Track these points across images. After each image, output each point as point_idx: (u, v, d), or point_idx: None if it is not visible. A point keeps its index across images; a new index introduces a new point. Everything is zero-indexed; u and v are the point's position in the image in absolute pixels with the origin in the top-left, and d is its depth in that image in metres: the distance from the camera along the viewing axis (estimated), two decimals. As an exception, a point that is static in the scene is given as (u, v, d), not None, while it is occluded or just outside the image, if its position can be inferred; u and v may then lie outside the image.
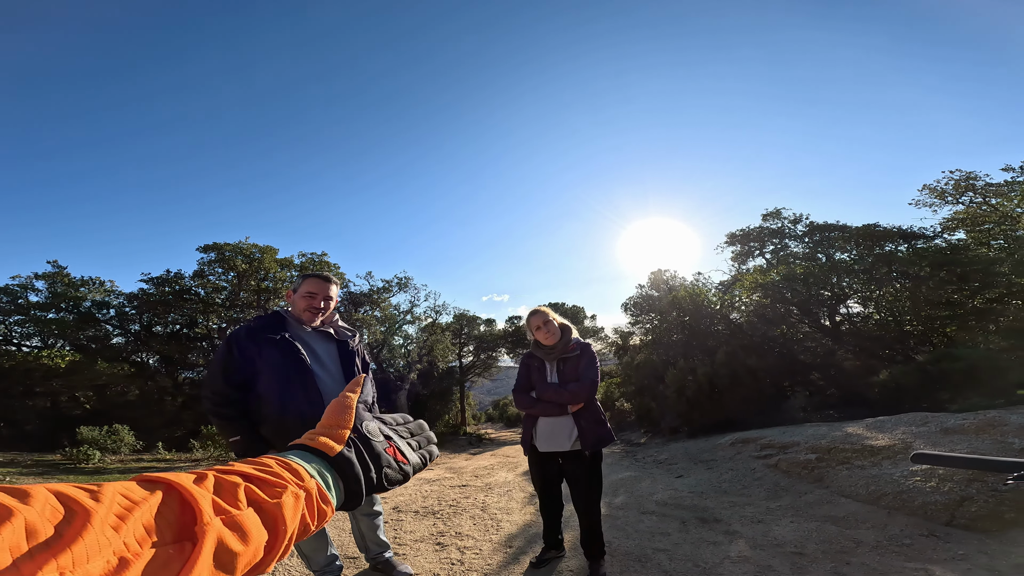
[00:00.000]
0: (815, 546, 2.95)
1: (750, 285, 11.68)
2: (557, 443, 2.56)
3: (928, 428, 4.63)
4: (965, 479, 3.29)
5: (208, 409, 2.07)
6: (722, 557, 2.87)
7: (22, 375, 13.48)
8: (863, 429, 5.07)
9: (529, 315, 2.71)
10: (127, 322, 17.62)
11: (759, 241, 16.67)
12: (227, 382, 2.06)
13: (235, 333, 2.15)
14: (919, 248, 11.58)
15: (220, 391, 2.05)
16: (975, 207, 12.41)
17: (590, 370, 2.58)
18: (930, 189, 13.09)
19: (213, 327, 17.37)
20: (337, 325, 2.39)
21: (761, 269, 14.47)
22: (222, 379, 2.06)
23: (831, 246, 14.53)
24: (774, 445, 5.42)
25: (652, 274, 16.69)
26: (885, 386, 7.93)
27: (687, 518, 3.72)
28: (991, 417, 4.54)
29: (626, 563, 2.83)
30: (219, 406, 2.05)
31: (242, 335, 2.11)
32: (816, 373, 10.58)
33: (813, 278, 11.04)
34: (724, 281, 16.11)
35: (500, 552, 3.10)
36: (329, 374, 2.21)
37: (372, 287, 19.51)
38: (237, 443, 2.05)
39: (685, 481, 5.16)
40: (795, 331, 11.90)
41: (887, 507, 3.44)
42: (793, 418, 8.06)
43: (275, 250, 17.76)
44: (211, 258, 17.01)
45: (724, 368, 8.84)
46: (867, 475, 3.94)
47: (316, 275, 2.32)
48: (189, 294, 16.98)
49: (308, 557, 2.33)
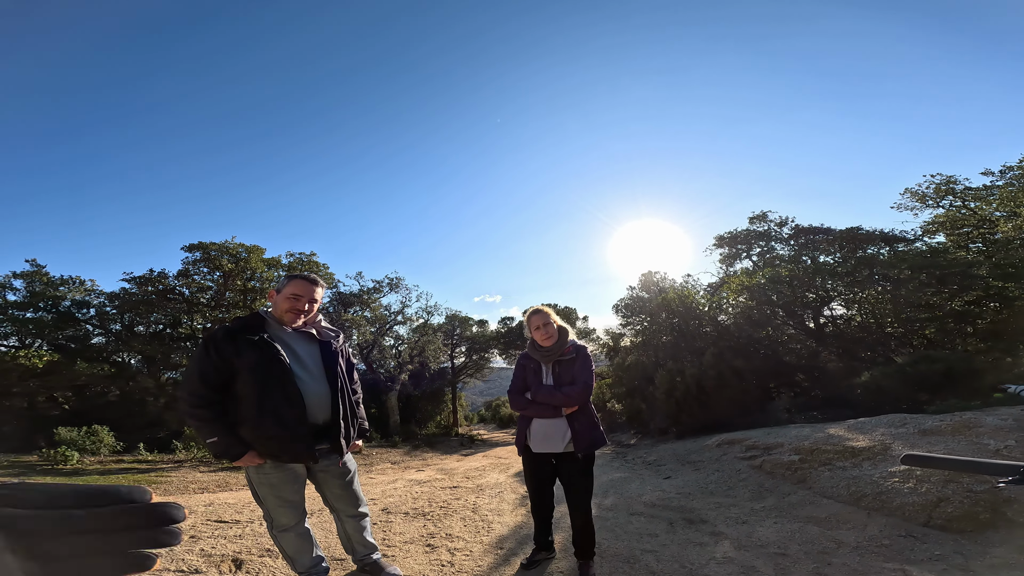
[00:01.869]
0: (798, 547, 3.01)
1: (737, 287, 11.83)
2: (551, 444, 2.58)
3: (906, 429, 4.74)
4: (941, 480, 3.39)
5: (184, 411, 2.05)
6: (708, 558, 2.92)
7: (-2, 375, 13.12)
8: (844, 430, 5.18)
9: (531, 314, 2.71)
10: (108, 322, 17.25)
11: (746, 243, 16.90)
12: (204, 383, 2.04)
13: (213, 334, 2.13)
14: (900, 251, 11.82)
15: (196, 392, 2.03)
16: (955, 211, 12.72)
17: (585, 373, 2.59)
18: (911, 193, 13.40)
19: (198, 327, 17.08)
20: (320, 326, 2.36)
21: (748, 271, 14.68)
22: (199, 380, 2.04)
23: (816, 249, 14.79)
24: (759, 446, 5.52)
25: (643, 276, 16.82)
26: (867, 387, 8.10)
27: (674, 519, 3.77)
28: (967, 418, 4.68)
29: (615, 564, 2.86)
30: (196, 407, 2.03)
31: (220, 336, 2.09)
32: (801, 374, 10.77)
33: (798, 280, 11.22)
34: (712, 283, 16.30)
35: (491, 553, 3.11)
36: (311, 375, 2.20)
37: (362, 287, 19.34)
38: (215, 444, 2.04)
39: (673, 482, 5.22)
40: (780, 333, 12.08)
41: (867, 508, 3.53)
42: (778, 419, 8.19)
43: (262, 250, 17.52)
44: (196, 257, 16.72)
45: (712, 369, 8.96)
46: (848, 476, 4.04)
47: (302, 276, 2.28)
48: (173, 294, 16.68)
49: (292, 559, 2.30)
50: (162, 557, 2.77)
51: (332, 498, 2.39)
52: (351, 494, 2.40)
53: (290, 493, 2.20)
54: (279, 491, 2.17)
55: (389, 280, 19.57)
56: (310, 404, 2.14)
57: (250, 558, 2.87)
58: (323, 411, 2.21)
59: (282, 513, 2.21)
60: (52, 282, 16.25)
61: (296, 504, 2.24)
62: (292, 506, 2.22)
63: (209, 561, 2.80)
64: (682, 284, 16.04)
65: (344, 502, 2.40)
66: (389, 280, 19.57)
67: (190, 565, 2.72)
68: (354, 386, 2.45)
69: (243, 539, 3.22)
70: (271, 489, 2.17)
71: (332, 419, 2.22)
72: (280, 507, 2.20)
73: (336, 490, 2.36)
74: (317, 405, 2.18)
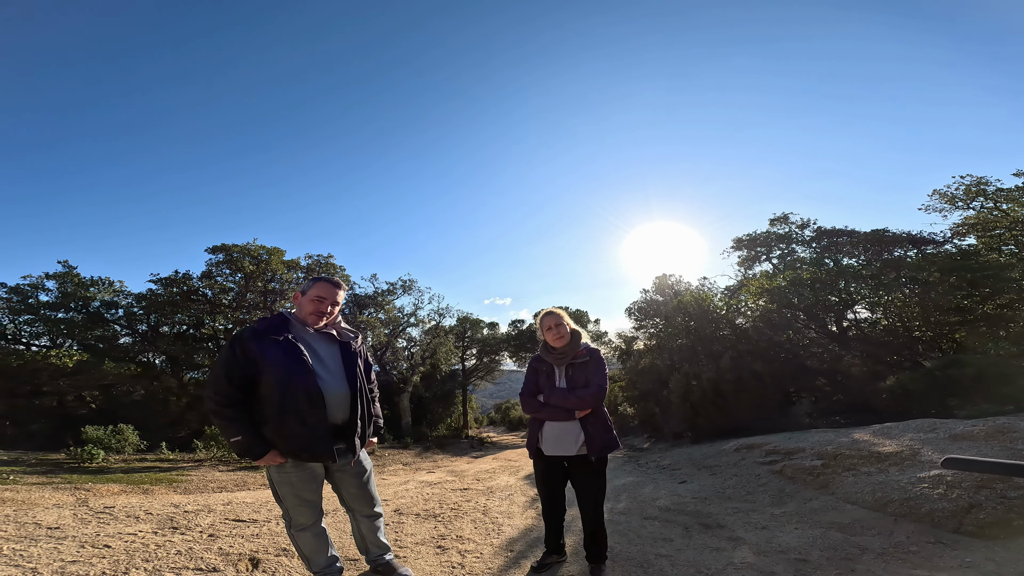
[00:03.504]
0: (820, 553, 2.90)
1: (756, 290, 11.60)
2: (564, 447, 2.54)
3: (936, 435, 4.56)
4: (973, 486, 3.24)
5: (210, 409, 2.08)
6: (725, 563, 2.83)
7: (30, 374, 13.60)
8: (870, 435, 5.00)
9: (543, 315, 2.68)
10: (135, 322, 17.76)
11: (766, 246, 16.57)
12: (230, 382, 2.06)
13: (239, 334, 2.16)
14: (929, 253, 11.48)
15: (222, 391, 2.06)
16: (986, 212, 12.28)
17: (599, 376, 2.56)
18: (940, 194, 12.99)
19: (219, 328, 17.47)
20: (340, 327, 2.39)
21: (768, 274, 14.38)
22: (225, 379, 2.06)
23: (839, 251, 14.42)
24: (779, 451, 5.37)
25: (657, 279, 16.62)
26: (892, 392, 7.82)
27: (690, 524, 3.68)
28: (1001, 424, 4.47)
29: (628, 568, 2.80)
30: (221, 406, 2.05)
31: (246, 336, 2.13)
32: (822, 379, 10.47)
33: (820, 283, 10.95)
34: (730, 286, 16.02)
35: (501, 556, 3.07)
36: (331, 375, 2.22)
37: (377, 289, 19.57)
38: (238, 443, 2.06)
39: (688, 487, 5.11)
40: (801, 336, 11.79)
41: (893, 514, 3.39)
42: (799, 424, 7.98)
43: (282, 251, 17.83)
44: (219, 259, 17.12)
45: (729, 373, 8.77)
46: (873, 482, 3.89)
47: (326, 279, 2.33)
48: (196, 295, 17.10)
49: (308, 558, 2.32)
50: (182, 555, 2.81)
51: (349, 498, 2.41)
52: (367, 494, 2.42)
53: (309, 492, 2.22)
54: (298, 490, 2.19)
55: (403, 282, 19.77)
56: (330, 404, 2.16)
57: (267, 557, 2.89)
58: (342, 411, 2.23)
59: (300, 512, 2.23)
60: (83, 283, 16.71)
61: (314, 504, 2.26)
62: (310, 505, 2.24)
63: (227, 559, 2.83)
64: (698, 287, 15.79)
65: (360, 502, 2.41)
66: (403, 282, 19.77)
67: (208, 563, 2.76)
68: (371, 386, 2.47)
69: (260, 538, 3.26)
70: (291, 488, 2.19)
71: (350, 419, 2.24)
72: (299, 506, 2.22)
73: (352, 490, 2.37)
74: (336, 405, 2.20)
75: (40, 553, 2.78)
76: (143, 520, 3.69)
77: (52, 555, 2.77)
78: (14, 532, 3.23)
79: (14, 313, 16.06)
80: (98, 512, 3.95)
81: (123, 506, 4.33)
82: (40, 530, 3.31)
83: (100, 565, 2.63)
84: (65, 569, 2.55)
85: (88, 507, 4.26)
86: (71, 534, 3.22)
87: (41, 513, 3.84)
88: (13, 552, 2.78)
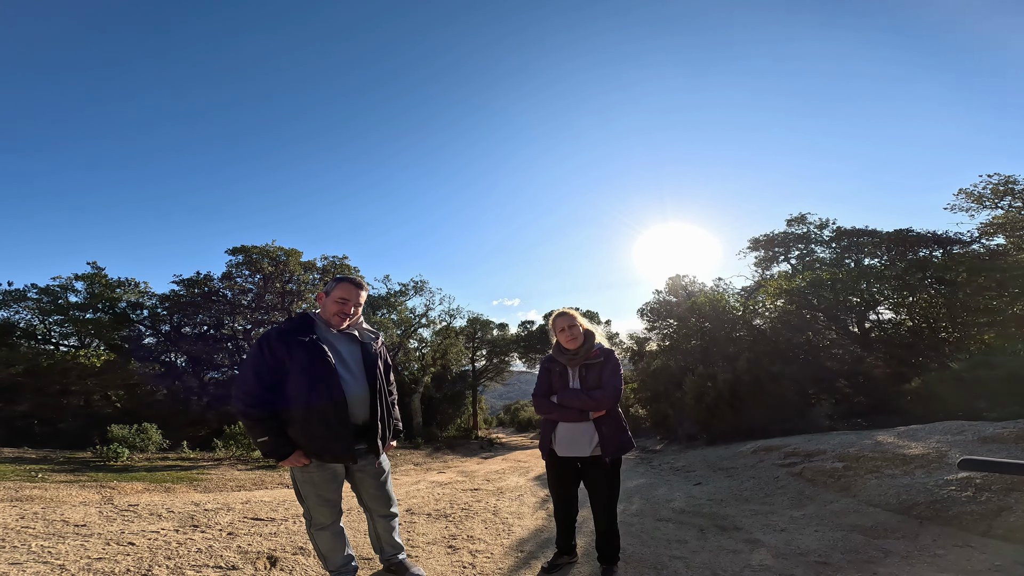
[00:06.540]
0: (841, 555, 2.82)
1: (774, 291, 11.40)
2: (577, 448, 2.52)
3: (964, 437, 4.40)
4: (1003, 489, 3.11)
5: (239, 410, 2.09)
6: (742, 566, 2.77)
7: (59, 374, 14.05)
8: (894, 437, 4.86)
9: (556, 316, 2.65)
10: (159, 323, 18.21)
11: (784, 246, 16.26)
12: (259, 383, 2.08)
13: (267, 334, 2.18)
14: (955, 253, 11.16)
15: (252, 391, 2.07)
16: (1015, 211, 11.89)
17: (614, 378, 2.53)
18: (967, 194, 12.60)
19: (239, 328, 17.81)
20: (361, 328, 2.41)
21: (786, 275, 14.10)
22: (255, 380, 2.08)
23: (860, 251, 14.07)
24: (799, 453, 5.24)
25: (670, 280, 16.44)
26: (918, 394, 7.59)
27: (706, 526, 3.62)
28: (1033, 427, 4.29)
29: (641, 570, 2.76)
30: (251, 407, 2.06)
31: (274, 336, 2.14)
32: (843, 381, 10.21)
33: (841, 284, 10.70)
34: (747, 287, 15.75)
35: (511, 556, 3.06)
36: (353, 376, 2.24)
37: (389, 290, 19.75)
38: (264, 443, 2.07)
39: (704, 488, 5.02)
40: (821, 338, 11.53)
41: (919, 517, 3.28)
42: (818, 426, 7.79)
43: (300, 253, 18.09)
44: (239, 260, 17.45)
45: (746, 375, 8.61)
46: (898, 484, 3.77)
47: (350, 280, 2.34)
48: (217, 296, 17.45)
49: (325, 557, 2.33)
50: (202, 552, 2.86)
51: (367, 498, 2.42)
52: (385, 494, 2.43)
53: (330, 492, 2.24)
54: (320, 490, 2.21)
55: (414, 283, 19.90)
56: (352, 405, 2.18)
57: (284, 555, 2.92)
58: (363, 412, 2.24)
59: (321, 512, 2.25)
60: (110, 284, 17.12)
61: (334, 503, 2.28)
62: (331, 505, 2.26)
63: (245, 558, 2.86)
64: (713, 288, 15.57)
65: (378, 502, 2.43)
66: (414, 283, 19.90)
67: (227, 561, 2.79)
68: (390, 387, 2.48)
69: (278, 536, 3.30)
70: (313, 487, 2.20)
71: (370, 420, 2.26)
72: (320, 506, 2.24)
73: (371, 490, 2.39)
74: (358, 405, 2.22)
75: (68, 550, 2.85)
76: (165, 518, 3.77)
77: (79, 552, 2.83)
78: (43, 529, 3.32)
79: (44, 314, 16.57)
80: (123, 510, 4.04)
81: (146, 504, 4.43)
82: (68, 527, 3.39)
83: (125, 562, 2.68)
84: (92, 566, 2.61)
85: (113, 505, 4.37)
86: (97, 531, 3.29)
87: (68, 511, 3.94)
88: (42, 549, 2.86)
